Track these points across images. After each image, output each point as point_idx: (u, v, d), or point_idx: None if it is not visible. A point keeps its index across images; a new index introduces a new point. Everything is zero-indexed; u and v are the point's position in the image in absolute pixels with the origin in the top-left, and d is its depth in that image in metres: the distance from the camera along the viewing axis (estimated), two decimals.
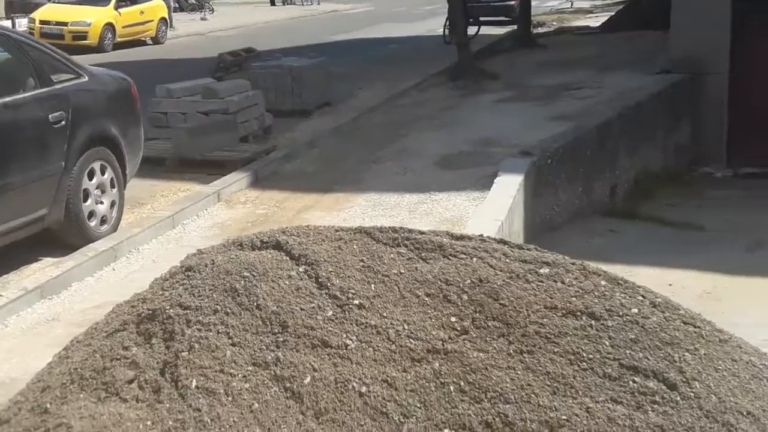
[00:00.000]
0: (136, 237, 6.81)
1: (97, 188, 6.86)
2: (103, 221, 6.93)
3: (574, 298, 3.42)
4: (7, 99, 6.13)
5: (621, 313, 3.34)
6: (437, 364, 3.23)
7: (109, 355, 3.60)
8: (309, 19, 34.75)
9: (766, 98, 12.39)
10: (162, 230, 7.16)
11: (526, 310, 3.37)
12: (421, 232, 3.81)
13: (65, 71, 6.83)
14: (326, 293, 3.53)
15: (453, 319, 3.40)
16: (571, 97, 12.03)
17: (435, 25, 28.45)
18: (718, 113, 12.60)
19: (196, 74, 12.40)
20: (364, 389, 3.14)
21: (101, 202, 6.92)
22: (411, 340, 3.33)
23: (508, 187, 7.29)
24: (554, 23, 25.72)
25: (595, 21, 26.17)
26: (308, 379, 3.21)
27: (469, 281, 3.50)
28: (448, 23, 21.54)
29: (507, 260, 3.60)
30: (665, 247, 8.23)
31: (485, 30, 21.90)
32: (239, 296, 3.57)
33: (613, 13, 26.17)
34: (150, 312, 3.67)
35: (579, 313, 3.36)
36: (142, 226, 7.05)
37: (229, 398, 3.20)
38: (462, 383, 3.14)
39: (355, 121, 11.50)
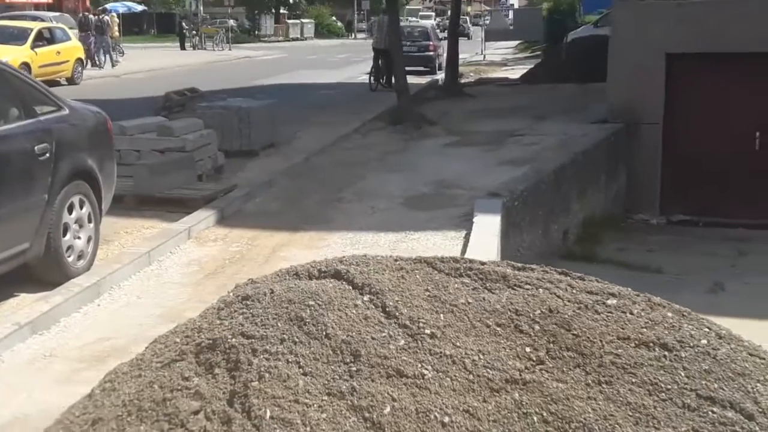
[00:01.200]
0: (115, 273, 6.60)
1: (75, 222, 6.65)
2: (79, 257, 6.71)
3: (645, 329, 3.47)
4: None
5: (692, 344, 3.41)
6: (517, 395, 3.23)
7: (168, 386, 3.48)
8: (224, 64, 34.61)
9: (696, 148, 12.97)
10: (140, 267, 6.97)
11: (600, 340, 3.41)
12: (482, 263, 3.83)
13: (47, 103, 6.64)
14: (395, 322, 3.50)
15: (527, 349, 3.40)
16: (515, 144, 12.30)
17: (353, 73, 28.86)
18: (652, 162, 13.10)
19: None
20: (446, 419, 3.11)
21: (78, 237, 6.70)
22: (488, 370, 3.32)
23: (490, 227, 7.38)
24: (472, 74, 26.32)
25: (512, 73, 26.97)
26: (388, 409, 3.17)
27: (539, 311, 3.52)
28: (373, 71, 21.90)
29: (573, 291, 3.65)
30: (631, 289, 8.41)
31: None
32: (306, 325, 3.50)
33: (530, 67, 27.08)
34: (210, 341, 3.57)
35: (652, 344, 3.41)
36: (121, 262, 6.85)
37: (307, 428, 3.13)
38: (545, 413, 3.14)
39: (306, 162, 11.49)
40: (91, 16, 31.67)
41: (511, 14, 37.71)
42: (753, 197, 12.56)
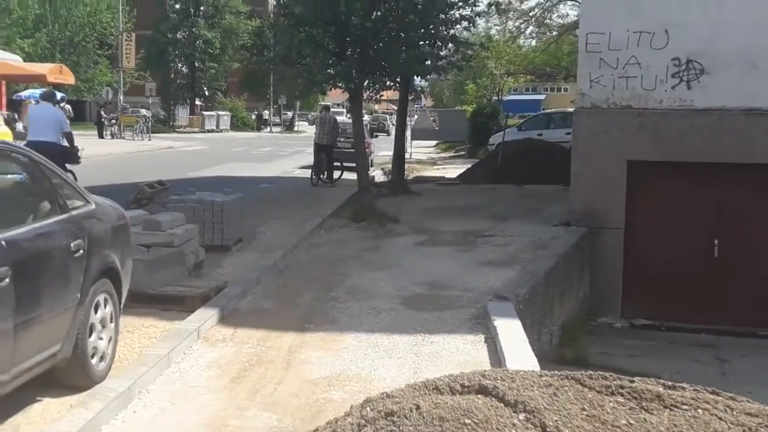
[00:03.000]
0: (144, 377, 6.28)
1: (99, 322, 6.33)
2: (101, 358, 6.36)
3: None
4: (37, 225, 5.63)
5: None
6: None
7: None
8: (147, 154, 34.10)
9: (657, 254, 13.33)
10: (161, 369, 6.66)
11: None
12: (631, 380, 3.77)
13: (75, 197, 6.38)
14: None
15: None
16: (488, 245, 12.41)
17: (285, 167, 28.88)
18: (614, 266, 13.39)
19: None
20: None
21: (101, 338, 6.37)
22: None
23: (514, 331, 7.35)
24: (405, 172, 26.58)
25: (445, 173, 27.46)
26: None
27: None
28: (314, 166, 21.95)
29: (734, 413, 3.61)
30: None
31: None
32: None
33: (459, 167, 27.65)
34: None
35: None
36: (146, 364, 6.52)
37: None
38: None
39: (284, 259, 11.30)
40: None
41: (436, 115, 38.50)
42: (713, 304, 12.93)
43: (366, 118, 66.77)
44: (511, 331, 7.36)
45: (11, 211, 5.51)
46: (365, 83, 15.76)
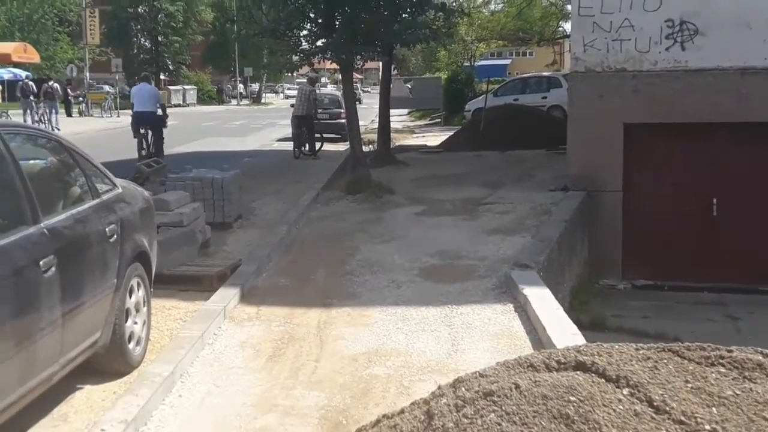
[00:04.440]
0: (183, 360, 6.17)
1: (134, 307, 6.20)
2: (137, 343, 6.25)
3: None
4: (74, 211, 5.48)
5: None
6: None
7: None
8: (119, 132, 33.37)
9: (656, 214, 13.39)
10: (197, 352, 6.55)
11: None
12: (729, 350, 3.73)
13: (103, 181, 6.21)
14: (668, 418, 3.33)
15: None
16: (489, 212, 12.37)
17: (263, 140, 28.67)
18: (614, 228, 13.41)
19: None
20: None
21: (136, 322, 6.25)
22: None
23: (547, 299, 7.33)
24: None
25: (425, 141, 27.39)
26: None
27: None
28: (295, 139, 21.74)
29: None
30: None
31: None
32: (575, 423, 3.31)
33: (438, 134, 27.58)
34: None
35: None
36: (183, 347, 6.40)
37: None
38: None
39: (289, 234, 11.17)
40: (30, 82, 32.90)
41: (410, 83, 38.27)
42: (713, 262, 13.02)
43: (330, 87, 66.48)
44: (541, 299, 7.33)
45: (48, 197, 5.33)
46: (356, 55, 15.54)
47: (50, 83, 33.42)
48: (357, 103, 19.34)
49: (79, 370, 5.70)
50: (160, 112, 18.11)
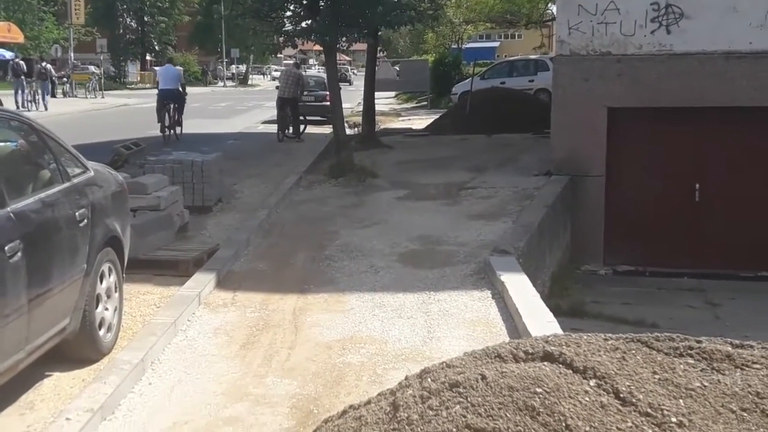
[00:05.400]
0: (154, 347, 6.09)
1: (105, 293, 6.11)
2: (108, 329, 6.16)
3: None
4: (42, 195, 5.37)
5: None
6: None
7: None
8: (103, 113, 33.38)
9: (638, 200, 13.35)
10: (169, 338, 6.47)
11: None
12: (698, 340, 3.68)
13: (75, 164, 6.11)
14: (635, 410, 3.28)
15: None
16: (471, 197, 12.30)
17: (248, 122, 28.48)
18: (596, 213, 13.37)
19: None
20: None
21: (107, 308, 6.16)
22: None
23: (524, 287, 7.26)
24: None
25: (411, 124, 27.26)
26: None
27: None
28: (279, 121, 21.60)
29: None
30: None
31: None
32: (540, 415, 3.25)
33: (425, 118, 27.45)
34: None
35: None
36: (154, 334, 6.32)
37: None
38: None
39: (269, 218, 11.08)
40: (21, 62, 33.21)
41: (398, 65, 38.09)
42: (695, 248, 13.01)
43: (317, 69, 66.16)
44: (519, 286, 7.27)
45: (16, 181, 5.23)
46: (341, 37, 15.39)
47: (43, 64, 33.55)
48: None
49: (49, 358, 5.63)
50: (181, 90, 21.44)
